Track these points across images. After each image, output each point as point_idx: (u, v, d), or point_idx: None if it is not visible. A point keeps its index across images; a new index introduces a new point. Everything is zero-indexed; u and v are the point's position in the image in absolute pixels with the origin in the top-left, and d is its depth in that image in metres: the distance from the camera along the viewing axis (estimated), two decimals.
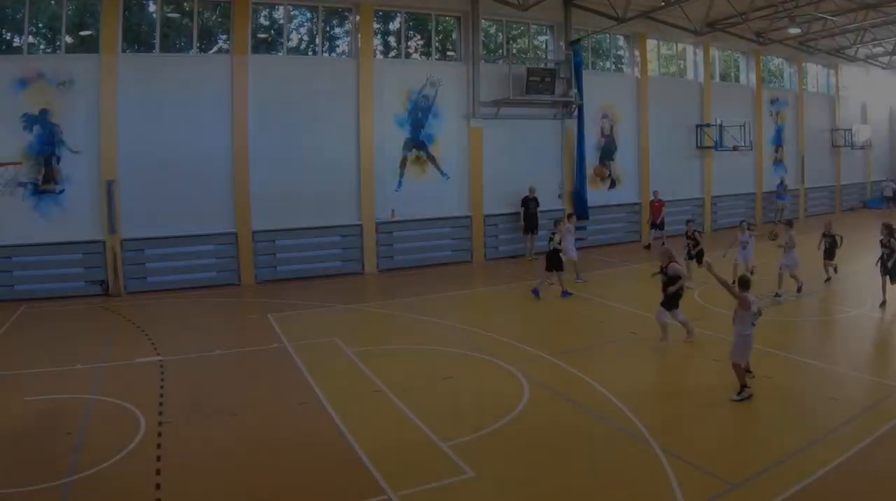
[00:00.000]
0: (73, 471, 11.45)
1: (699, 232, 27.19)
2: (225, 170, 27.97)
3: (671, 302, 18.29)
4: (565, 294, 24.50)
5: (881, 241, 21.92)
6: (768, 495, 10.36)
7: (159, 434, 12.99)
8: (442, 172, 32.24)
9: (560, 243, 24.95)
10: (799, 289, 23.82)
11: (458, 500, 10.75)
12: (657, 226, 34.85)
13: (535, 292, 24.47)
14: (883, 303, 21.79)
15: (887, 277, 21.68)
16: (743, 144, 40.23)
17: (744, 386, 14.11)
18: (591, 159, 36.02)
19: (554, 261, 24.69)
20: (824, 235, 25.60)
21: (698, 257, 25.41)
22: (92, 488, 11.02)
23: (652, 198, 35.48)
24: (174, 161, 27.03)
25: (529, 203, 32.91)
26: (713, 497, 10.35)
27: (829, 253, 25.57)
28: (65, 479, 11.19)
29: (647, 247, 35.21)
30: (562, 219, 27.01)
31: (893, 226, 21.76)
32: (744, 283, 14.67)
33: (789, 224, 26.39)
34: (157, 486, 10.98)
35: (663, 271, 18.42)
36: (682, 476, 10.91)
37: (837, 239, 25.34)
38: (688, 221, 27.35)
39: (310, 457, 12.22)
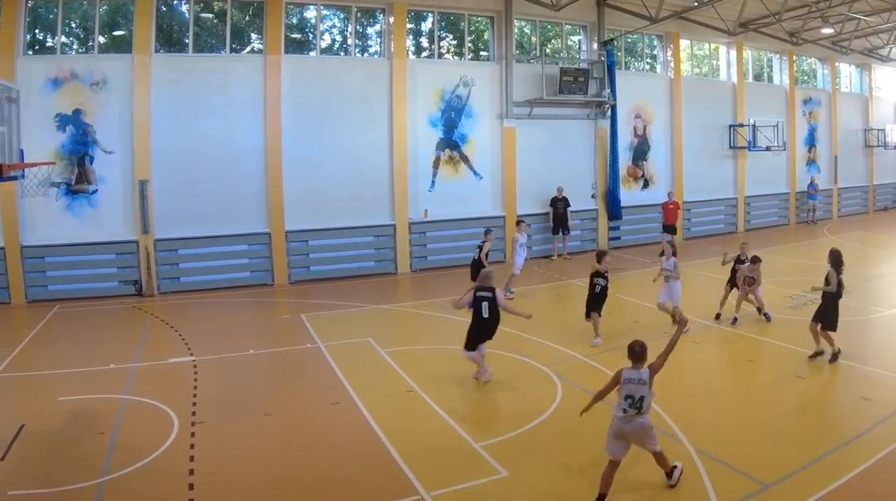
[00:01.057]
0: (106, 471, 11.28)
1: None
2: (258, 169, 27.28)
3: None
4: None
5: None
6: (801, 495, 10.16)
7: (192, 435, 12.79)
8: (475, 172, 31.33)
9: (487, 255, 22.87)
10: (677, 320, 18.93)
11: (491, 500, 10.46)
12: (669, 229, 32.45)
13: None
14: None
15: None
16: (776, 144, 38.95)
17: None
18: (624, 159, 35.03)
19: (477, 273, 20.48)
20: (737, 261, 20.99)
21: None
22: (125, 488, 10.85)
23: (666, 198, 33.60)
24: (207, 161, 26.44)
25: (558, 203, 31.97)
26: (746, 496, 10.15)
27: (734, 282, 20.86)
28: (98, 479, 11.02)
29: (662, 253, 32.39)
30: (489, 230, 24.76)
31: None
32: (633, 353, 10.47)
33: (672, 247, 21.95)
34: (191, 486, 10.85)
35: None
36: (715, 475, 10.75)
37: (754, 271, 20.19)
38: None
39: (343, 457, 11.97)
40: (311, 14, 29.37)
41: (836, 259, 16.11)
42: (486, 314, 15.37)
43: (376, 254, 29.54)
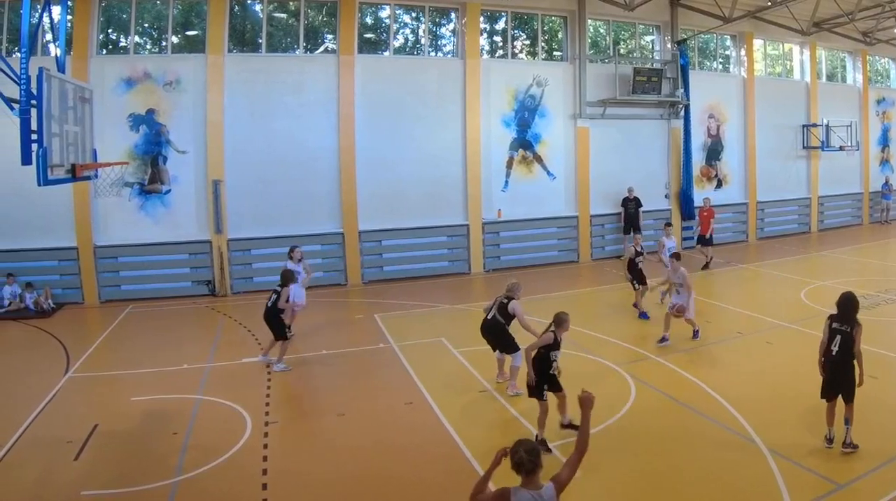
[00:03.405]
0: (180, 471, 10.91)
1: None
2: (331, 169, 25.65)
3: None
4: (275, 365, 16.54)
5: None
6: (874, 495, 9.58)
7: (265, 435, 12.33)
8: (548, 172, 29.09)
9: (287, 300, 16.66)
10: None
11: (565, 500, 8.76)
12: (705, 240, 28.17)
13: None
14: None
15: None
16: (849, 144, 35.94)
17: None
18: (698, 159, 32.49)
19: (274, 323, 16.45)
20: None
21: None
22: (198, 488, 10.45)
23: (701, 204, 29.45)
24: (280, 161, 24.96)
25: (629, 203, 29.73)
26: (819, 497, 9.61)
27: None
28: (172, 479, 10.65)
29: (706, 266, 27.52)
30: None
31: None
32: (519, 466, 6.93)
33: (677, 257, 18.40)
34: (264, 486, 10.45)
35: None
36: (789, 475, 10.14)
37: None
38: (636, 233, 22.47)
39: (416, 457, 11.48)
40: (384, 14, 27.51)
41: None
42: (489, 315, 14.42)
43: (450, 254, 27.73)
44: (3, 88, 11.72)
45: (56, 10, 14.40)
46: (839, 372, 10.94)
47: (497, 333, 14.35)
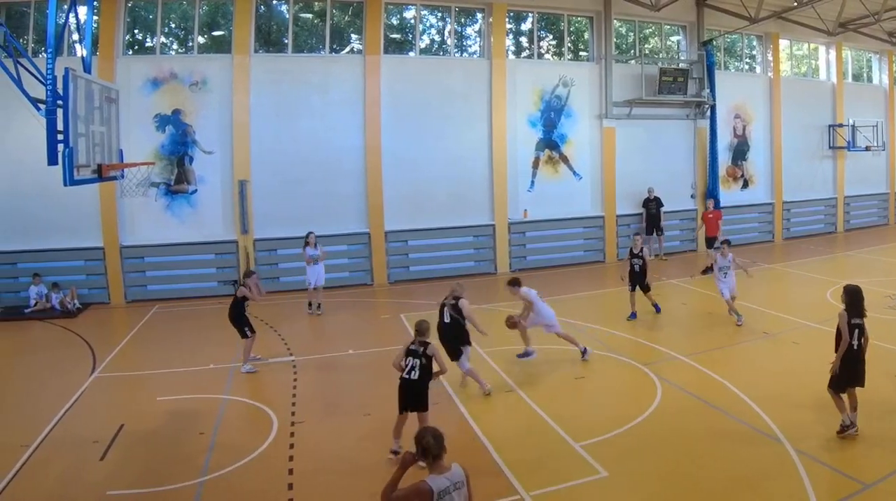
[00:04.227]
0: (206, 471, 10.70)
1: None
2: (357, 170, 25.12)
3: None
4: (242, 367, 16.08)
5: None
6: None
7: (292, 435, 12.10)
8: (574, 172, 28.32)
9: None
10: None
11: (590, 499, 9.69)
12: (710, 242, 26.28)
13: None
14: None
15: None
16: (875, 144, 34.92)
17: None
18: (724, 159, 31.59)
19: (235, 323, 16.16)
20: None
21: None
22: (224, 488, 10.25)
23: (705, 208, 28.27)
24: (306, 161, 24.49)
25: (649, 204, 28.96)
26: (846, 497, 9.36)
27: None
28: (198, 479, 10.44)
29: (706, 270, 25.24)
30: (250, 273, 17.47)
31: None
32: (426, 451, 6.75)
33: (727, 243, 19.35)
34: (290, 486, 10.23)
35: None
36: (815, 475, 9.89)
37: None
38: (635, 234, 21.16)
39: None
40: (410, 14, 26.86)
41: None
42: (445, 319, 14.19)
43: (476, 254, 27.08)
44: (30, 89, 11.54)
45: (82, 11, 14.69)
46: (861, 363, 11.09)
47: (456, 332, 14.10)
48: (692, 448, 11.03)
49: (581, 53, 29.62)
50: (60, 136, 11.14)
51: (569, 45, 29.39)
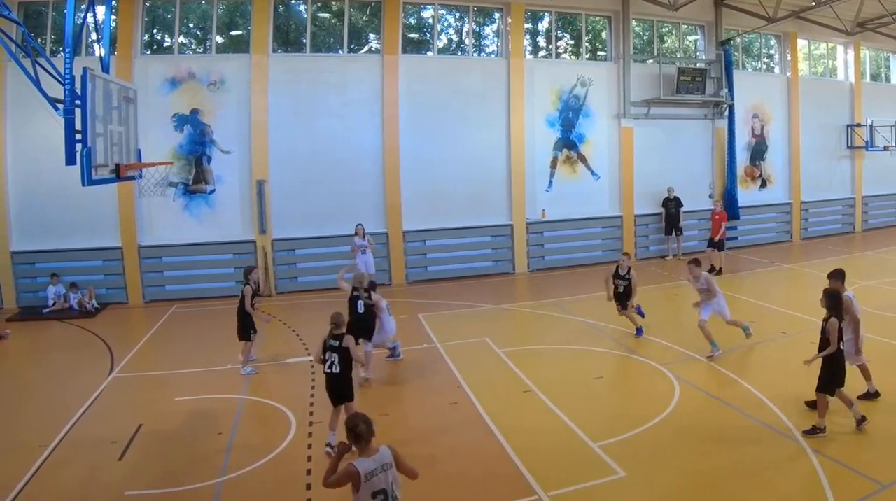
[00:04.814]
0: (224, 471, 10.66)
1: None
2: (375, 169, 24.78)
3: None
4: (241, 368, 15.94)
5: None
6: None
7: (310, 435, 11.97)
8: (592, 172, 27.88)
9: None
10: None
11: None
12: (715, 243, 25.98)
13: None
14: None
15: None
16: (893, 144, 34.16)
17: None
18: (742, 159, 31.10)
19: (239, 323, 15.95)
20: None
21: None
22: (243, 488, 10.21)
23: (712, 208, 27.64)
24: (324, 161, 24.16)
25: (669, 204, 28.48)
26: (864, 497, 9.26)
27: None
28: (216, 479, 10.41)
29: (719, 270, 25.21)
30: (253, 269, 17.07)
31: None
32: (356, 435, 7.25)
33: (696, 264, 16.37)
34: (308, 486, 10.12)
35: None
36: (833, 475, 9.82)
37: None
38: (623, 254, 19.27)
39: (460, 457, 11.10)
40: (428, 14, 26.44)
41: None
42: (360, 310, 14.72)
43: (494, 254, 26.63)
44: (48, 89, 11.40)
45: (100, 10, 14.24)
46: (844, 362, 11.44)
47: (372, 321, 14.77)
48: (710, 448, 10.95)
49: (599, 53, 29.19)
50: (78, 136, 10.98)
51: (586, 44, 28.97)
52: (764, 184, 32.21)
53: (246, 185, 23.52)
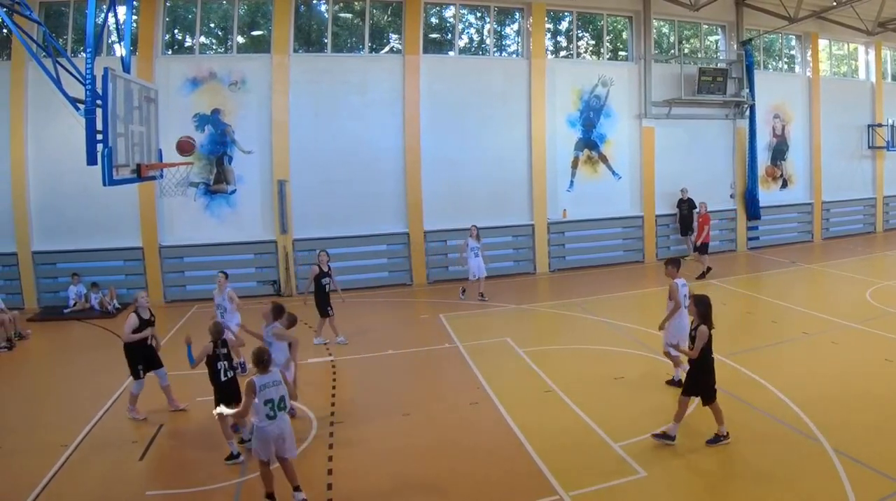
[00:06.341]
0: (244, 472, 10.57)
1: None
2: (396, 169, 24.28)
3: None
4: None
5: None
6: None
7: (331, 435, 11.89)
8: (614, 172, 27.22)
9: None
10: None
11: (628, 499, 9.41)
12: (698, 247, 25.12)
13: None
14: None
15: None
16: None
17: None
18: (763, 159, 30.32)
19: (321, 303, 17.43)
20: None
21: None
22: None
23: (697, 208, 26.29)
24: (345, 161, 23.68)
25: (682, 205, 27.69)
26: (886, 497, 9.02)
27: None
28: (237, 479, 10.38)
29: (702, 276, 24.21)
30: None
31: None
32: (260, 361, 9.46)
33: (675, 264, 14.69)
34: (329, 486, 10.07)
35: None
36: (854, 475, 9.57)
37: None
38: None
39: (482, 457, 10.93)
40: (449, 14, 25.82)
41: None
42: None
43: (515, 254, 26.10)
44: (69, 89, 11.24)
45: (121, 11, 14.23)
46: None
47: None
48: (730, 448, 10.74)
49: (620, 53, 28.42)
50: (99, 136, 10.85)
51: (607, 44, 28.25)
52: (785, 184, 31.41)
53: (267, 185, 23.08)
